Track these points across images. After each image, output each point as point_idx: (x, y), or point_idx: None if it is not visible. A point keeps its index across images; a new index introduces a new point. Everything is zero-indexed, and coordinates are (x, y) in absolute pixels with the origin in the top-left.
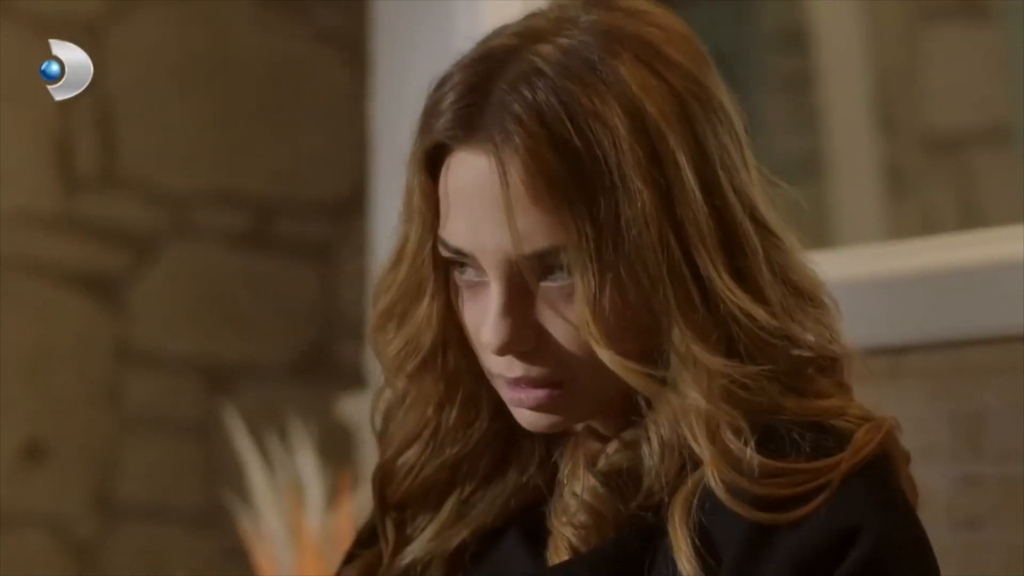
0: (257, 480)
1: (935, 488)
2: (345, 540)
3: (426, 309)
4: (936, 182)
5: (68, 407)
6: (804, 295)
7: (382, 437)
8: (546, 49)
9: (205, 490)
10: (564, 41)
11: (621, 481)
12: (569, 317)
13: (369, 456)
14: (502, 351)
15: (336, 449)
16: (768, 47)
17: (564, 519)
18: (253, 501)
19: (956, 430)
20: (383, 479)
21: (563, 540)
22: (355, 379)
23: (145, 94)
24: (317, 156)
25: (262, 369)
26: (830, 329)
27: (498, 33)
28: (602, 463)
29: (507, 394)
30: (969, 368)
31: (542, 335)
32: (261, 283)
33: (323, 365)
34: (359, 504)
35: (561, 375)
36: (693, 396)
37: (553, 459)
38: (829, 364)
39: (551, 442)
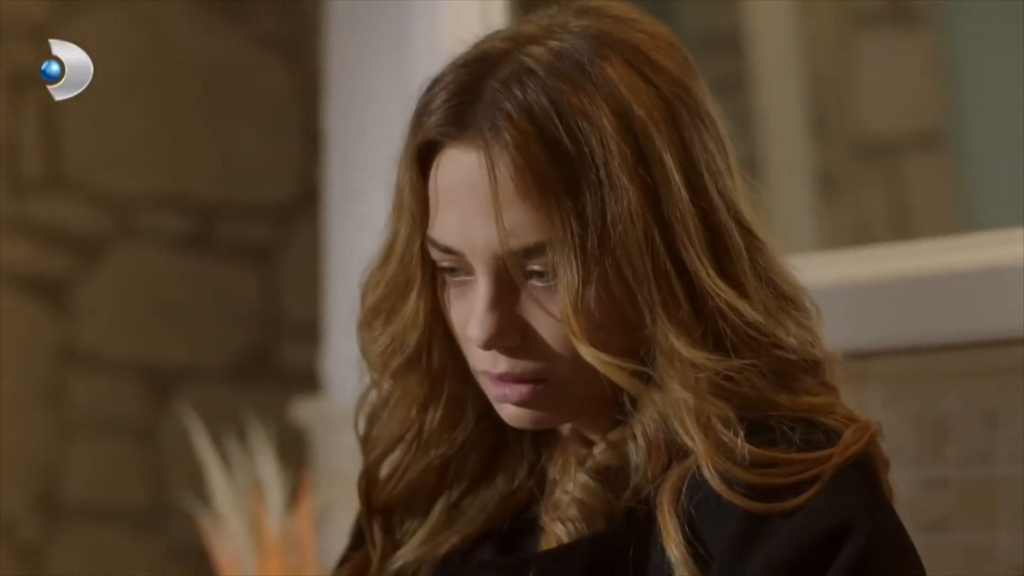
0: (217, 481)
1: (899, 492)
2: (306, 541)
3: (413, 306)
4: (869, 187)
5: (11, 409)
6: (786, 298)
7: (366, 440)
8: (537, 51)
9: (149, 491)
10: (555, 44)
11: (610, 478)
12: (553, 312)
13: (323, 459)
14: (488, 345)
15: (285, 452)
16: (697, 49)
17: (555, 515)
18: (212, 502)
19: (920, 435)
20: (368, 483)
21: (554, 535)
22: (302, 382)
23: (91, 97)
24: (260, 159)
25: (205, 371)
26: (811, 333)
27: (490, 37)
28: (590, 462)
29: (492, 390)
30: (932, 373)
31: (527, 331)
32: (205, 286)
33: (266, 368)
34: (318, 505)
35: (546, 371)
36: (679, 391)
37: (541, 464)
38: (812, 367)
39: (539, 446)
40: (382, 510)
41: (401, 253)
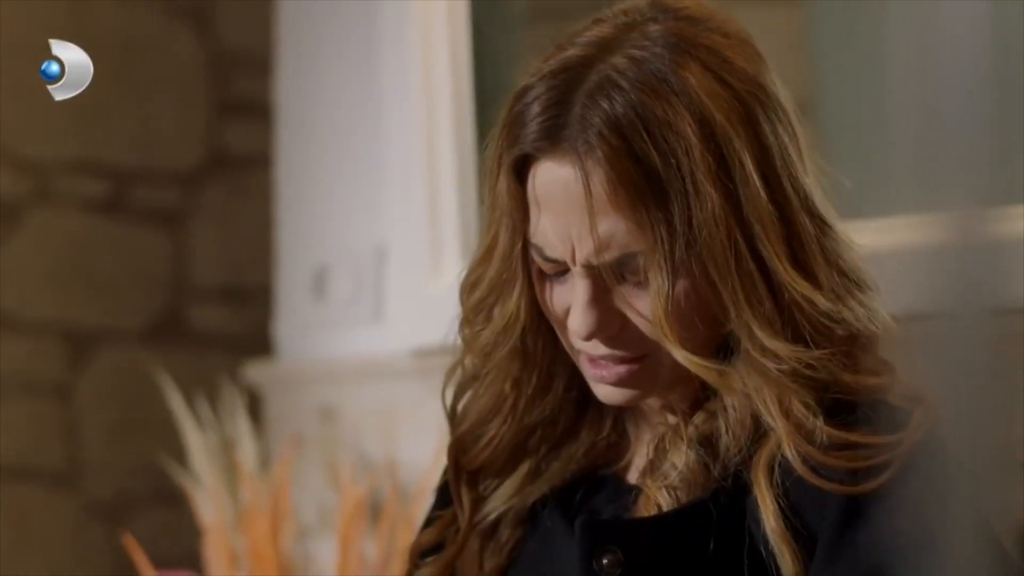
0: (194, 441)
1: None
2: (283, 500)
3: (515, 303)
4: None
5: None
6: (852, 280)
7: (454, 412)
8: (620, 61)
9: (66, 450)
10: (636, 52)
11: (708, 449)
12: (645, 313)
13: (275, 421)
14: (588, 338)
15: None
16: (523, 22)
17: (659, 482)
18: (188, 460)
19: None
20: (459, 450)
21: (653, 500)
22: (213, 343)
23: (7, 65)
24: (171, 126)
25: (118, 333)
26: (871, 308)
27: (570, 42)
28: (691, 431)
29: (588, 371)
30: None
31: (625, 322)
32: (117, 250)
33: (177, 330)
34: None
35: (642, 353)
36: (762, 379)
37: (622, 420)
38: (872, 341)
39: (622, 407)
40: (473, 472)
41: (503, 254)
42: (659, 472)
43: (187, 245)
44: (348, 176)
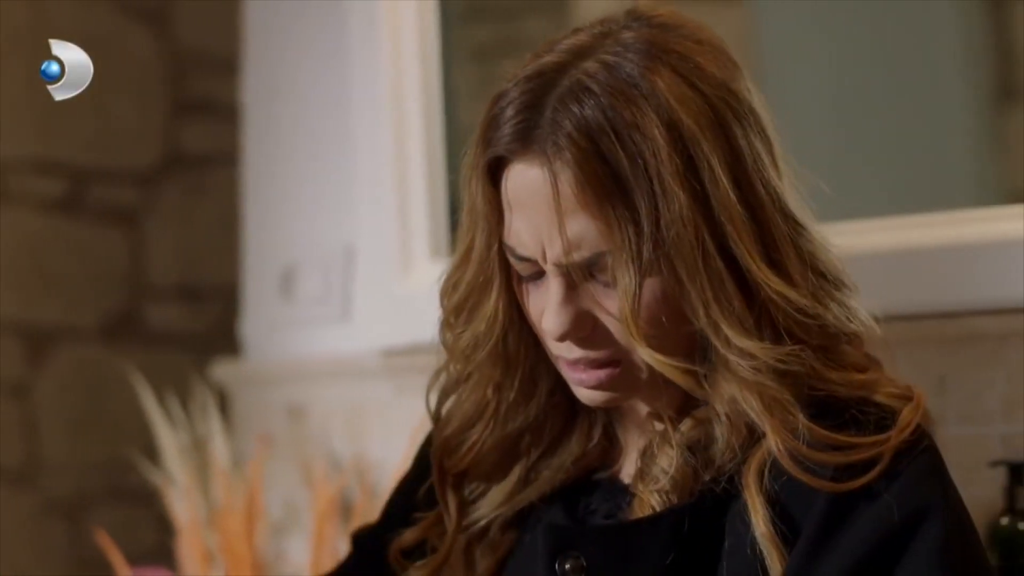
0: (166, 440)
1: None
2: (256, 498)
3: (493, 303)
4: None
5: None
6: (828, 278)
7: (438, 416)
8: (592, 66)
9: (25, 447)
10: (608, 58)
11: (697, 453)
12: (614, 312)
13: (242, 419)
14: (561, 338)
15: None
16: (461, 18)
17: (651, 486)
18: (162, 460)
19: None
20: (443, 454)
21: (648, 504)
22: (169, 342)
23: None
24: (128, 126)
25: (76, 332)
26: (849, 307)
27: (548, 47)
28: (679, 437)
29: (568, 374)
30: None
31: (597, 323)
32: (75, 248)
33: (133, 328)
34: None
35: (618, 355)
36: (739, 377)
37: (612, 425)
38: (854, 339)
39: (609, 410)
40: (458, 476)
41: (480, 257)
42: (649, 477)
43: (144, 244)
44: (317, 175)
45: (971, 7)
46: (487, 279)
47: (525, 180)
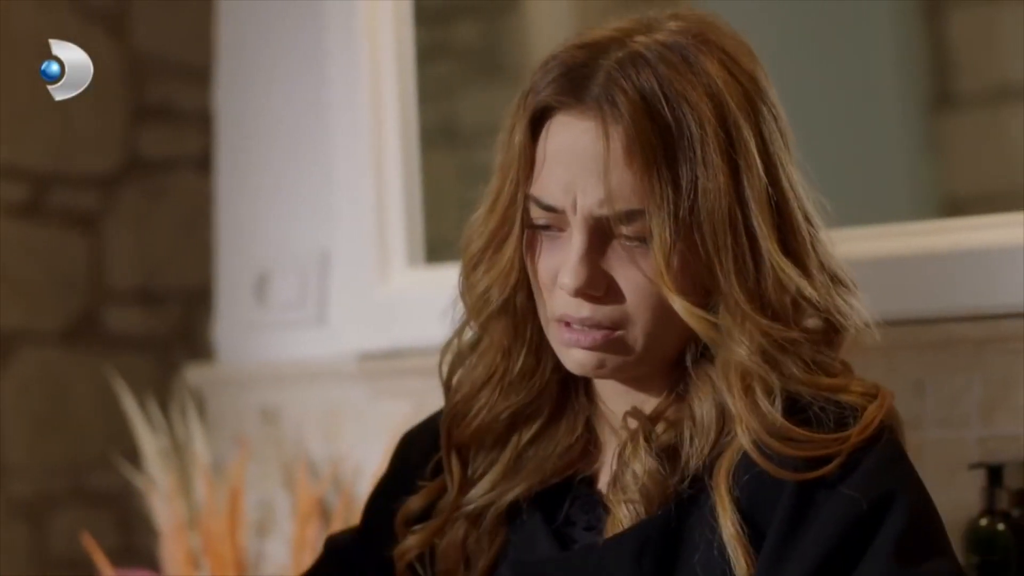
0: (147, 443)
1: None
2: (237, 501)
3: (509, 257)
4: None
5: None
6: (838, 281)
7: (449, 383)
8: (646, 40)
9: None
10: (660, 36)
11: (669, 457)
12: (644, 268)
13: (216, 422)
14: (578, 292)
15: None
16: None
17: (622, 496)
18: (142, 463)
19: None
20: (452, 421)
21: (618, 518)
22: (128, 345)
23: None
24: (88, 130)
25: (38, 335)
26: (852, 306)
27: (594, 29)
28: (652, 443)
29: (563, 335)
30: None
31: (612, 285)
32: (36, 252)
33: (92, 332)
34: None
35: (622, 319)
36: (737, 351)
37: (592, 422)
38: (839, 340)
39: (592, 400)
40: (462, 445)
41: (504, 208)
42: (620, 483)
43: (104, 248)
44: (292, 179)
45: (907, 13)
46: (508, 232)
47: (573, 132)
